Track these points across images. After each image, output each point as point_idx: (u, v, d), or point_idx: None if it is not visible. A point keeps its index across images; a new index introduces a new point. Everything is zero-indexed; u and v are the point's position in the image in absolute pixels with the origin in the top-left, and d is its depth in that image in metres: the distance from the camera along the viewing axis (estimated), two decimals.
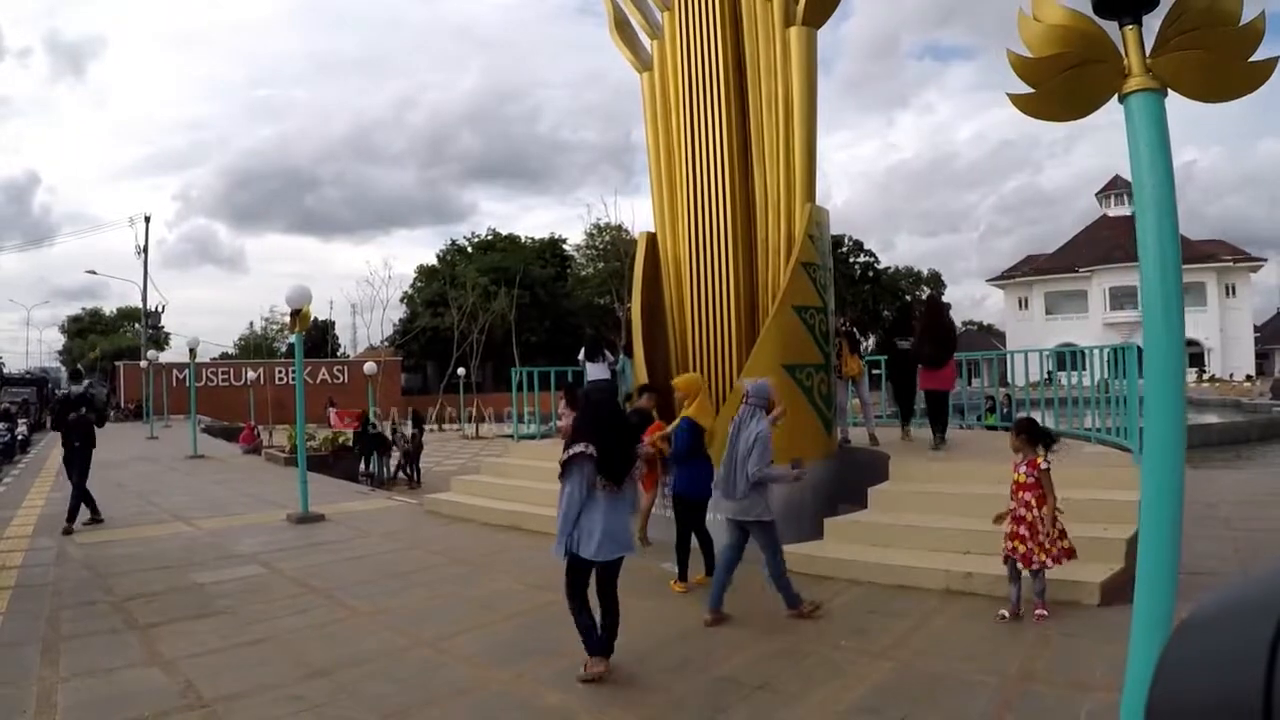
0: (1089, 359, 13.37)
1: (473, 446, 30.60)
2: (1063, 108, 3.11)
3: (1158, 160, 2.91)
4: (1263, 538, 9.06)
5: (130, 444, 27.28)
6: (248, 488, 16.80)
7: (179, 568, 9.41)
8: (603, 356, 15.47)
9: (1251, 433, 27.30)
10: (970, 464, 10.24)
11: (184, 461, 22.37)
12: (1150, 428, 3.02)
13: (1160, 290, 2.95)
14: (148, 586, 8.50)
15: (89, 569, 9.45)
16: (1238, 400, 42.15)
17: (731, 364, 10.62)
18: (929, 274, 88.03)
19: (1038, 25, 3.07)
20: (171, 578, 8.92)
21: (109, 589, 8.49)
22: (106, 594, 8.29)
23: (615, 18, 12.24)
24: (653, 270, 11.59)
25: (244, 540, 11.04)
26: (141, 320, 54.14)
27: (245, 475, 19.37)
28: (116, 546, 10.73)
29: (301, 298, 13.01)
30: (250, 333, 74.09)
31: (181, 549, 10.54)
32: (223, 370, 49.56)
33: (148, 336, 52.26)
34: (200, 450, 23.51)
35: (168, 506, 14.17)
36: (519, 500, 12.10)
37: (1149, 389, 3.01)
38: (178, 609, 7.65)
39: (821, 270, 10.41)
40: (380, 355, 40.53)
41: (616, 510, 5.77)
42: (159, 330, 60.58)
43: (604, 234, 59.09)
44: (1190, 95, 2.97)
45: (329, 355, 64.43)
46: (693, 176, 11.12)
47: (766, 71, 10.81)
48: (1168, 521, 2.96)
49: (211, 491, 16.28)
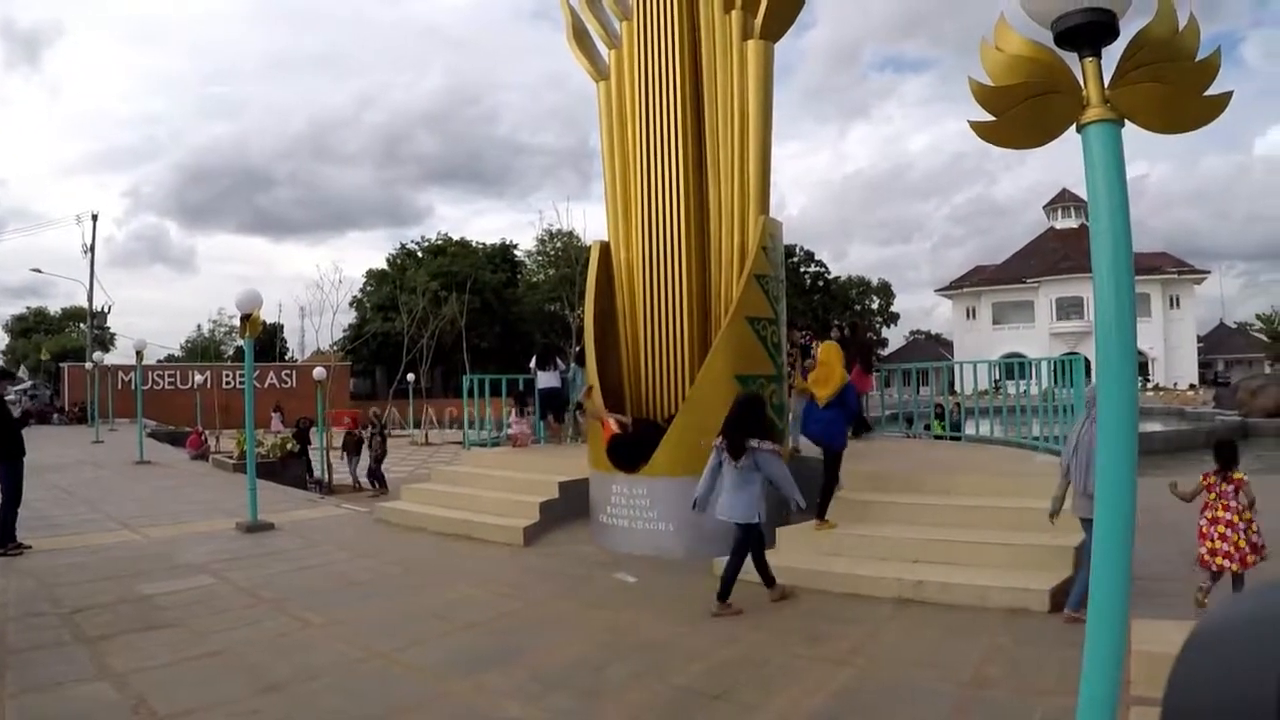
0: (1035, 369, 13.61)
1: (422, 453, 30.39)
2: (1022, 136, 3.19)
3: (1114, 190, 3.00)
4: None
5: (75, 448, 26.71)
6: (196, 494, 16.52)
7: (128, 578, 9.23)
8: (554, 364, 15.50)
9: (1196, 440, 27.84)
10: (919, 474, 10.39)
11: (130, 467, 21.94)
12: (1103, 439, 3.09)
13: (1115, 314, 3.02)
14: (96, 598, 8.33)
15: (35, 579, 9.24)
16: (1181, 409, 42.94)
17: (684, 374, 10.69)
18: (879, 284, 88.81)
19: (999, 55, 3.14)
20: (120, 588, 8.75)
21: (56, 600, 8.32)
22: (54, 605, 8.12)
23: (573, 26, 12.26)
24: (606, 279, 11.62)
25: (193, 549, 10.87)
26: (87, 321, 53.16)
27: (193, 482, 19.04)
28: (63, 556, 10.51)
29: (251, 302, 12.82)
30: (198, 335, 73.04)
31: (130, 558, 10.35)
32: (169, 373, 48.59)
33: (93, 338, 51.33)
34: (147, 455, 23.07)
35: (115, 514, 13.88)
36: (471, 509, 12.04)
37: (1103, 405, 3.08)
38: (127, 621, 7.52)
39: (774, 281, 10.50)
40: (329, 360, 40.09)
41: (738, 487, 7.49)
42: (105, 331, 59.53)
43: (556, 240, 58.99)
44: (1147, 127, 3.07)
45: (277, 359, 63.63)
46: (647, 187, 11.17)
47: (723, 84, 10.90)
48: (1119, 527, 3.04)
49: (159, 498, 15.98)
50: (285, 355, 68.84)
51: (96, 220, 50.53)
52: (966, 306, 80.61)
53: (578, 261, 34.83)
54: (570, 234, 51.99)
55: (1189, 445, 26.55)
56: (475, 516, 11.67)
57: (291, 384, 49.17)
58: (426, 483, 14.33)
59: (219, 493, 16.57)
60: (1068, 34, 2.98)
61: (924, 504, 9.36)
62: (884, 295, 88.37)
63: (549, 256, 64.32)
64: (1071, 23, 2.94)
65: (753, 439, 7.53)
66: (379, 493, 17.75)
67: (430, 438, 36.50)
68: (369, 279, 66.98)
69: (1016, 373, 14.42)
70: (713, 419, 9.63)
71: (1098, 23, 2.93)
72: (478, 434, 17.34)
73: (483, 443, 16.91)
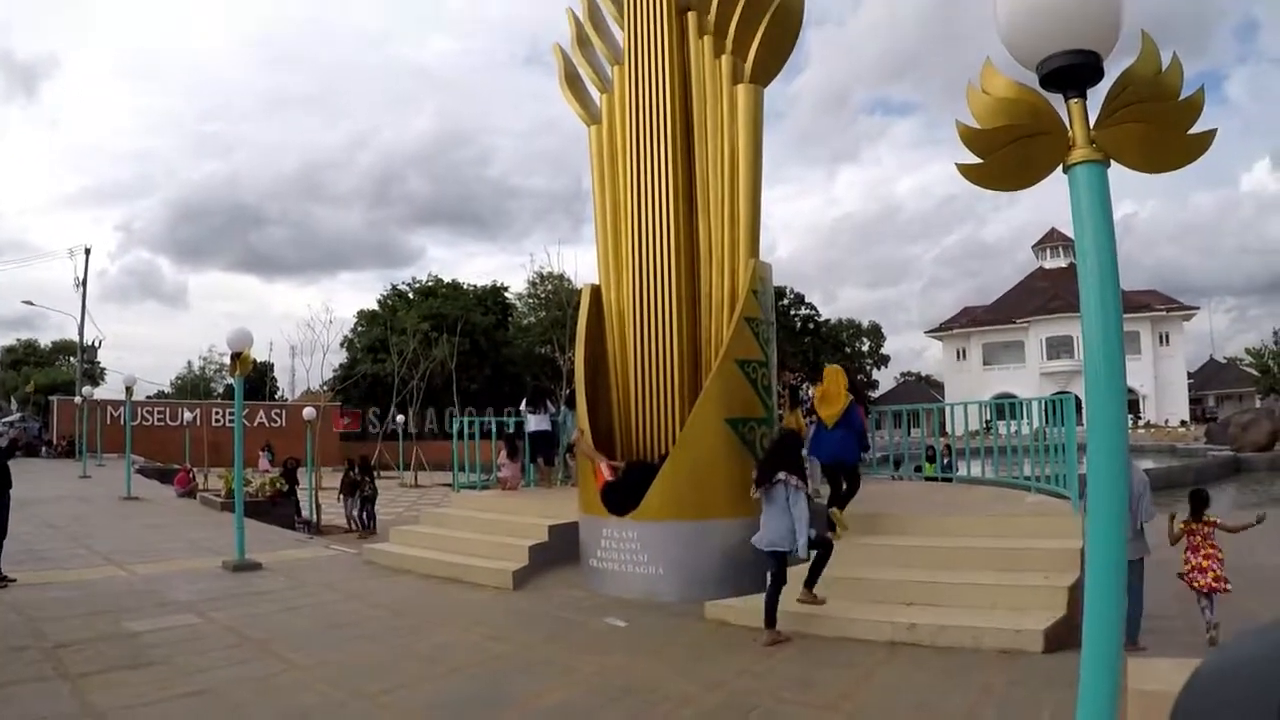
0: (1026, 409, 13.64)
1: (411, 495, 30.23)
2: (1009, 178, 3.23)
3: (1101, 230, 3.02)
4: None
5: (62, 482, 26.57)
6: (183, 532, 16.41)
7: (112, 614, 9.14)
8: (544, 407, 15.48)
9: (1187, 477, 27.87)
10: (912, 518, 10.35)
11: (118, 503, 21.79)
12: (1093, 478, 3.09)
13: (1104, 354, 3.03)
14: (80, 633, 8.24)
15: (18, 613, 9.14)
16: (1173, 445, 43.07)
17: (674, 417, 10.68)
18: (869, 326, 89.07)
19: (986, 98, 3.18)
20: (104, 624, 8.66)
21: (39, 634, 8.23)
22: (37, 639, 8.03)
23: (565, 71, 12.39)
24: (597, 322, 11.65)
25: (179, 587, 10.78)
26: (78, 355, 52.95)
27: (180, 519, 18.91)
28: (47, 590, 10.42)
29: (242, 341, 12.82)
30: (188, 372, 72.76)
31: (115, 594, 10.26)
32: (159, 409, 48.33)
33: (83, 371, 51.09)
34: (134, 491, 22.94)
35: (101, 549, 13.78)
36: (460, 552, 11.95)
37: (1093, 443, 3.09)
38: (111, 658, 7.43)
39: (764, 324, 10.53)
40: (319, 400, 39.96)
41: (773, 517, 7.79)
42: (95, 365, 59.24)
43: (546, 283, 58.99)
44: (1133, 166, 3.10)
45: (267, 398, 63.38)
46: (638, 230, 11.22)
47: (713, 128, 10.99)
48: (1112, 566, 3.03)
49: (146, 535, 15.88)
50: (275, 394, 68.59)
51: (89, 254, 50.59)
52: (957, 348, 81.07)
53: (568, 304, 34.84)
54: (561, 277, 52.04)
55: (1180, 482, 26.51)
56: (464, 559, 11.58)
57: (281, 423, 48.99)
58: (415, 525, 14.26)
59: (206, 531, 16.46)
60: (1053, 76, 3.02)
61: (916, 546, 9.32)
62: (874, 337, 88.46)
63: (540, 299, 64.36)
64: (1056, 65, 2.98)
65: (782, 472, 7.85)
66: (367, 534, 17.63)
67: (419, 479, 36.31)
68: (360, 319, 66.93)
69: (1007, 413, 14.47)
70: (704, 462, 9.69)
71: (1082, 64, 2.97)
72: (467, 476, 17.27)
73: (472, 485, 16.84)
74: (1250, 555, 10.19)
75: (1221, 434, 37.75)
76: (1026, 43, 3.06)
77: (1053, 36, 2.98)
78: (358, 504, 18.99)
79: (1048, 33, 2.99)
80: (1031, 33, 3.03)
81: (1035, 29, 3.02)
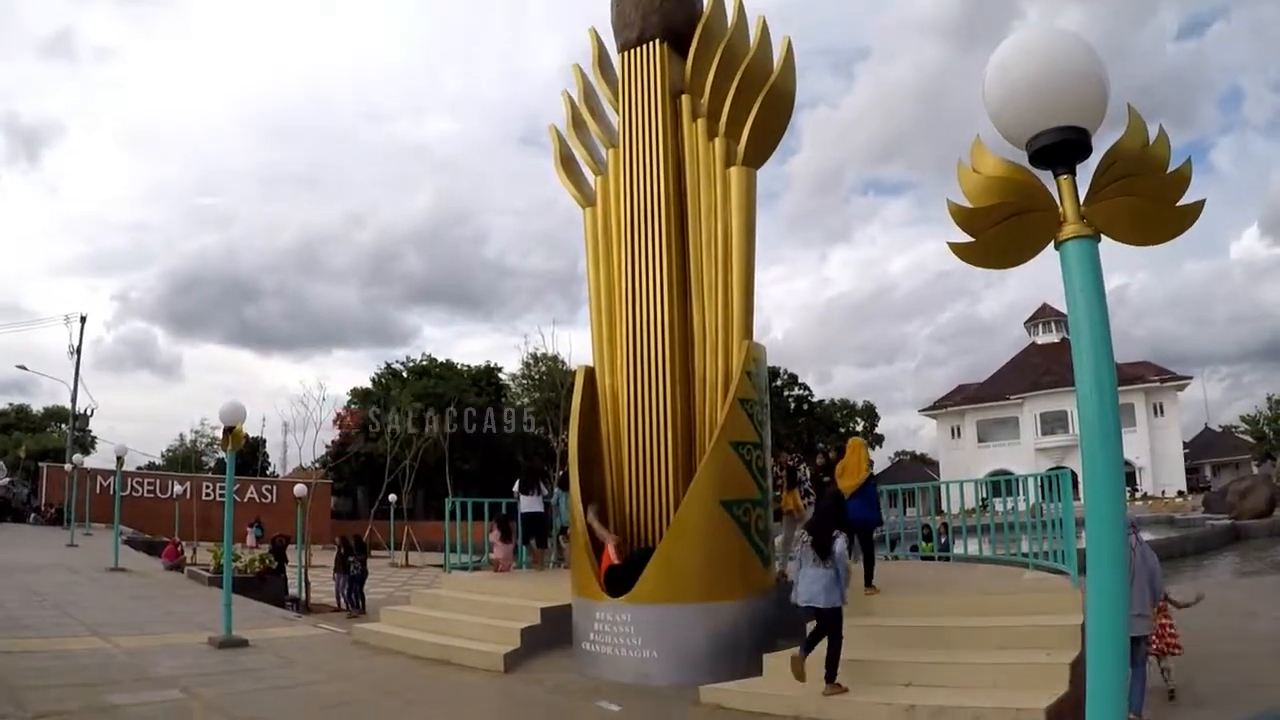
0: (1022, 485, 13.62)
1: (402, 575, 29.91)
2: (1001, 256, 3.27)
3: (1093, 304, 3.03)
4: (1203, 653, 9.12)
5: (49, 550, 26.17)
6: (169, 606, 16.17)
7: (95, 686, 8.94)
8: (537, 489, 15.40)
9: (1186, 547, 27.77)
10: (908, 597, 10.28)
11: (104, 573, 21.45)
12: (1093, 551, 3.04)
13: (1099, 428, 3.01)
14: (61, 704, 8.07)
15: None
16: (1171, 516, 42.87)
17: (669, 499, 10.61)
18: (863, 406, 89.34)
19: (976, 176, 3.22)
20: (86, 696, 8.46)
21: (20, 703, 8.02)
22: (17, 709, 7.83)
23: (560, 153, 12.59)
24: (590, 404, 11.64)
25: (164, 662, 10.59)
26: (69, 422, 52.73)
27: (167, 592, 18.64)
28: (29, 659, 10.21)
29: (235, 415, 12.80)
30: (180, 444, 72.51)
31: (98, 666, 10.08)
32: (149, 481, 48.01)
33: (74, 439, 50.87)
34: (121, 563, 22.60)
35: (85, 620, 13.53)
36: (451, 633, 11.76)
37: (1091, 517, 3.04)
38: None
39: (758, 406, 10.54)
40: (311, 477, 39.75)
41: (819, 575, 7.99)
42: (86, 434, 58.97)
43: (540, 364, 59.08)
44: (1123, 240, 3.14)
45: (258, 473, 63.12)
46: (632, 312, 11.29)
47: (707, 210, 11.13)
48: (1113, 641, 2.99)
49: (131, 607, 15.64)
50: (267, 470, 68.30)
51: (84, 322, 50.53)
52: (951, 425, 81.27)
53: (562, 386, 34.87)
54: (555, 358, 52.17)
55: (1178, 553, 26.42)
56: (455, 641, 11.40)
57: (272, 499, 48.71)
58: (406, 605, 14.10)
59: (193, 605, 16.23)
60: (1042, 153, 3.07)
61: (914, 626, 9.22)
62: (868, 417, 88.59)
63: (533, 380, 64.45)
64: (1045, 142, 3.03)
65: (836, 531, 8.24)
66: (357, 614, 17.41)
67: (411, 559, 35.98)
68: (354, 397, 66.93)
69: (1003, 490, 14.43)
70: (698, 545, 9.62)
71: (1071, 140, 3.01)
72: (459, 557, 17.10)
73: (464, 566, 16.68)
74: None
75: (1220, 502, 37.67)
76: (1015, 121, 3.11)
77: (1041, 114, 3.03)
78: (347, 583, 18.79)
79: (1036, 110, 3.04)
80: (1020, 111, 3.08)
81: (1023, 107, 3.07)
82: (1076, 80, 3.02)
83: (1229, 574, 23.32)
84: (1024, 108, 3.06)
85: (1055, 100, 3.01)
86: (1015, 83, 3.07)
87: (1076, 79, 3.02)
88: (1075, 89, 3.02)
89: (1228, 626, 10.71)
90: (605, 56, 12.68)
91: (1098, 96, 3.05)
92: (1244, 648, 8.13)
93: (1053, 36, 3.13)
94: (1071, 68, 3.02)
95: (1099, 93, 3.05)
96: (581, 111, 12.62)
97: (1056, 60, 3.04)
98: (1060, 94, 3.01)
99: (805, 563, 8.22)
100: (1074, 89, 3.02)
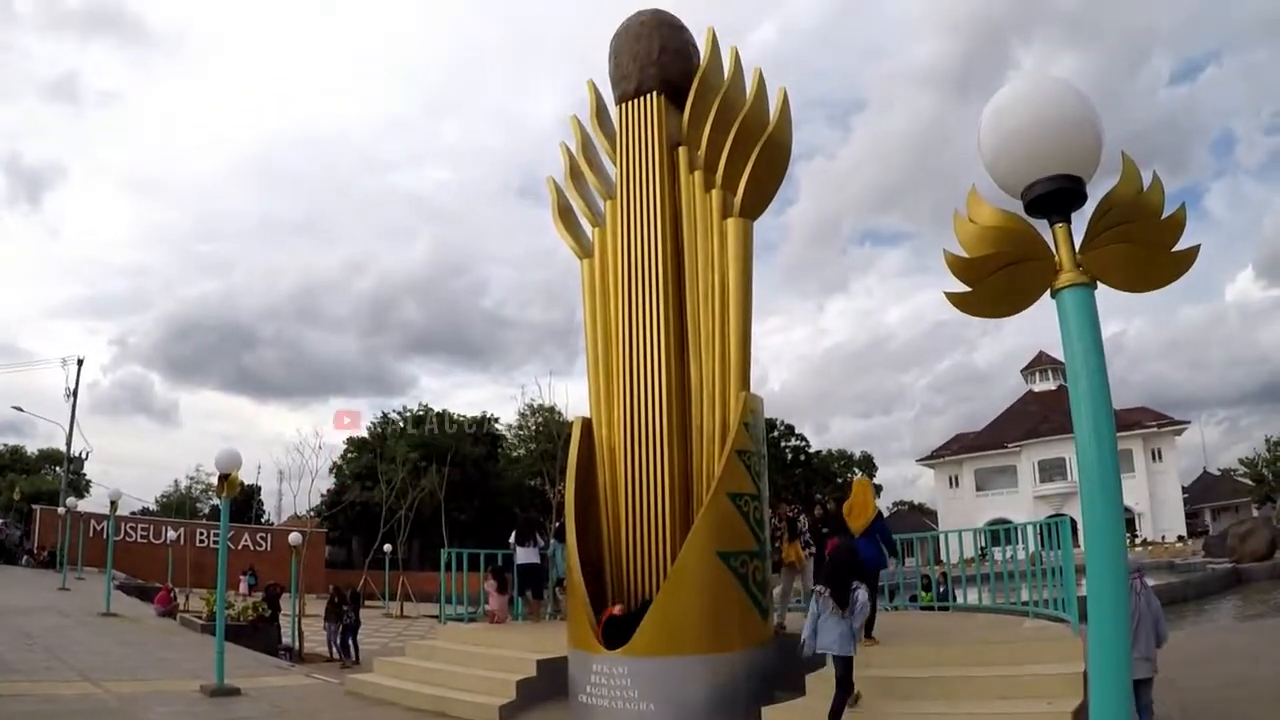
0: (1022, 534, 13.59)
1: (397, 625, 29.68)
2: (998, 305, 3.28)
3: (1090, 351, 3.03)
4: (1206, 696, 9.04)
5: (41, 593, 25.99)
6: (161, 652, 16.02)
7: None
8: (533, 540, 15.33)
9: (1187, 592, 27.55)
10: (909, 648, 10.18)
11: (96, 618, 21.27)
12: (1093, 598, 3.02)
13: (1099, 475, 3.00)
14: None
15: None
16: (1171, 561, 42.57)
17: (665, 551, 10.55)
18: (861, 456, 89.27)
19: (972, 226, 3.24)
20: None
21: None
22: None
23: (558, 204, 12.67)
24: (587, 455, 11.59)
25: (155, 709, 10.47)
26: (64, 465, 52.50)
27: (159, 639, 18.48)
28: (18, 702, 10.09)
29: (231, 462, 12.82)
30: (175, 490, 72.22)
31: (88, 712, 9.97)
32: (143, 526, 47.70)
33: (68, 482, 50.60)
34: (114, 607, 22.43)
35: (75, 664, 13.39)
36: (446, 685, 11.64)
37: (1091, 563, 3.02)
38: None
39: (756, 457, 10.52)
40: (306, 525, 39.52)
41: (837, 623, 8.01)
42: (80, 477, 58.72)
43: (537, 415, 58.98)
44: (1119, 287, 3.15)
45: (253, 521, 62.76)
46: (629, 362, 11.30)
47: (704, 261, 11.18)
48: (1117, 688, 2.97)
49: (123, 653, 15.47)
50: (262, 518, 67.95)
51: (81, 365, 50.50)
52: (949, 475, 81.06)
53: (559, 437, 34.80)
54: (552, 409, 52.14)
55: (1180, 598, 26.20)
56: (450, 693, 11.29)
57: (266, 547, 48.47)
58: (400, 656, 14.00)
59: (185, 652, 16.10)
60: (1037, 202, 3.09)
61: (915, 677, 9.11)
62: (866, 467, 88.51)
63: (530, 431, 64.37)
64: (1040, 191, 3.05)
65: (856, 581, 8.23)
66: (350, 664, 17.25)
67: (405, 610, 35.68)
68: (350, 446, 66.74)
69: (1002, 538, 14.38)
70: (696, 596, 9.56)
71: (1066, 189, 3.04)
72: (454, 608, 16.99)
73: (459, 617, 16.57)
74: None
75: (1220, 546, 37.45)
76: (1010, 170, 3.13)
77: (1035, 163, 3.06)
78: (339, 632, 18.63)
79: (1030, 159, 3.07)
80: (1014, 160, 3.11)
81: (1018, 156, 3.10)
82: (1070, 129, 3.05)
83: (1231, 618, 23.16)
84: (1018, 157, 3.09)
85: (1050, 149, 3.04)
86: (1009, 132, 3.10)
87: (1070, 127, 3.05)
88: (1069, 137, 3.04)
89: (1231, 671, 10.64)
90: (603, 108, 12.82)
91: (1092, 145, 3.08)
92: (1247, 692, 8.05)
93: (1046, 85, 3.16)
94: (1065, 116, 3.05)
95: (1093, 141, 3.08)
96: (579, 163, 12.72)
97: (1050, 109, 3.07)
98: (1054, 143, 3.03)
99: (824, 611, 8.20)
100: (1068, 137, 3.04)
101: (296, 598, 21.08)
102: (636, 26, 11.97)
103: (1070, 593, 10.79)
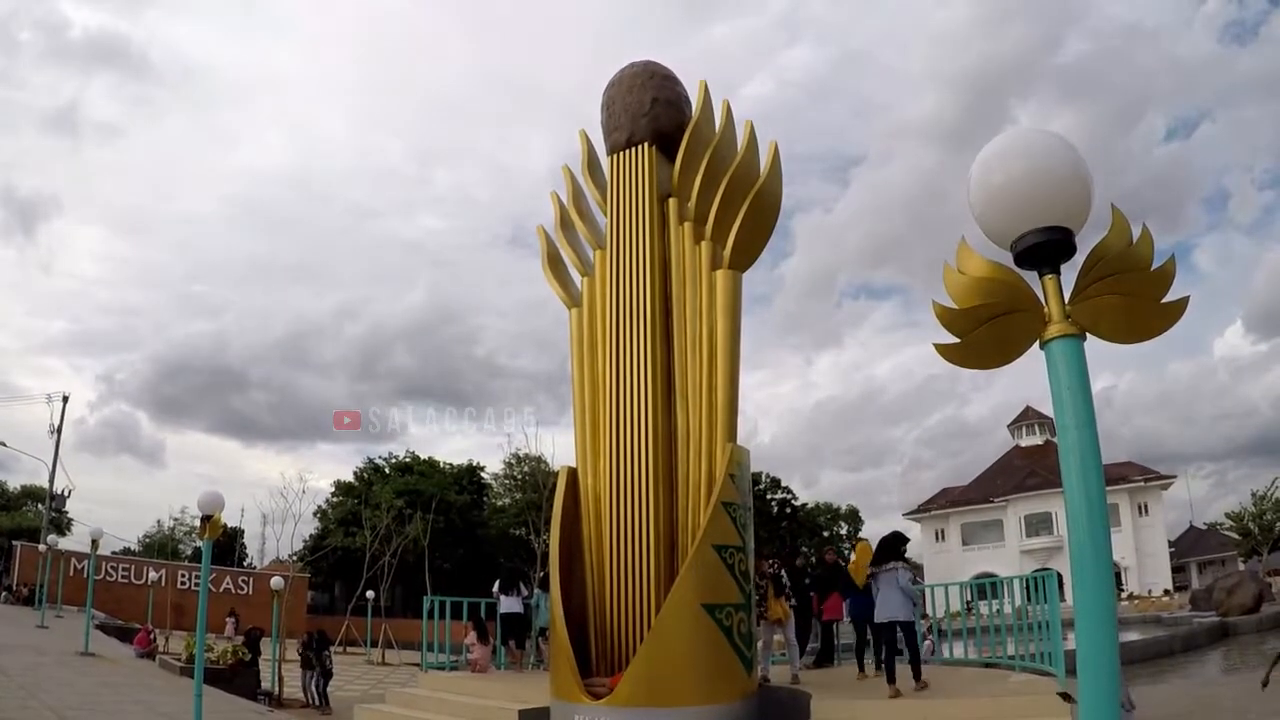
0: (1008, 587, 13.61)
1: (378, 672, 29.40)
2: (987, 357, 3.29)
3: (1080, 404, 3.03)
4: None
5: (18, 630, 25.69)
6: (139, 694, 15.80)
7: None
8: (517, 590, 15.30)
9: (1174, 646, 27.48)
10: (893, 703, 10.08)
11: (74, 657, 20.99)
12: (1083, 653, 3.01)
13: (1089, 527, 3.00)
14: None
15: None
16: (1158, 615, 42.43)
17: (650, 602, 10.46)
18: (847, 510, 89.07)
19: (962, 277, 3.27)
20: None
21: None
22: None
23: (548, 253, 12.67)
24: (572, 505, 11.48)
25: None
26: (46, 502, 52.08)
27: (138, 680, 18.25)
28: None
29: (214, 504, 12.74)
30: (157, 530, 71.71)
31: None
32: (124, 566, 47.26)
33: (50, 520, 50.22)
34: (92, 647, 22.14)
35: (51, 704, 13.13)
36: None
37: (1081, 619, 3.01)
38: None
39: (742, 509, 10.45)
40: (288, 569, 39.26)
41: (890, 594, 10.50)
42: (62, 515, 58.21)
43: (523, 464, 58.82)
44: (1108, 338, 3.17)
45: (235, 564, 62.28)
46: (616, 413, 11.23)
47: (692, 312, 11.15)
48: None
49: (100, 694, 15.23)
50: (245, 561, 67.42)
51: (66, 402, 50.35)
52: (935, 529, 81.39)
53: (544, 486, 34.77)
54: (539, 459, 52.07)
55: (1166, 651, 26.18)
56: None
57: (248, 591, 48.06)
58: (380, 704, 13.84)
59: (163, 695, 15.91)
60: (1027, 253, 3.11)
61: None
62: (852, 521, 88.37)
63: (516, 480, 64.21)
64: (1030, 242, 3.07)
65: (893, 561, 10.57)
66: (326, 710, 17.12)
67: (387, 657, 35.37)
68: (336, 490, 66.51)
69: (989, 592, 14.39)
70: (680, 648, 9.50)
71: (1055, 241, 3.06)
72: (436, 656, 16.90)
73: (441, 665, 16.46)
74: None
75: (1206, 600, 37.41)
76: (999, 222, 3.15)
77: (1025, 215, 3.08)
78: (314, 678, 18.52)
79: (1020, 211, 3.09)
80: (1004, 212, 3.13)
81: (1007, 208, 3.12)
82: (1060, 181, 3.07)
83: (1218, 671, 23.08)
84: (1008, 209, 3.11)
85: (1039, 201, 3.06)
86: (999, 184, 3.13)
87: (1060, 180, 3.07)
88: (1059, 189, 3.07)
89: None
90: (595, 158, 12.88)
91: (1081, 197, 3.10)
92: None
93: (1035, 137, 3.19)
94: (1055, 168, 3.08)
95: (1083, 193, 3.11)
96: (570, 212, 12.75)
97: (1039, 161, 3.09)
98: (1044, 194, 3.06)
99: (884, 588, 10.31)
100: (1057, 189, 3.07)
101: (277, 642, 20.91)
102: (629, 78, 12.08)
103: (1057, 646, 10.78)
